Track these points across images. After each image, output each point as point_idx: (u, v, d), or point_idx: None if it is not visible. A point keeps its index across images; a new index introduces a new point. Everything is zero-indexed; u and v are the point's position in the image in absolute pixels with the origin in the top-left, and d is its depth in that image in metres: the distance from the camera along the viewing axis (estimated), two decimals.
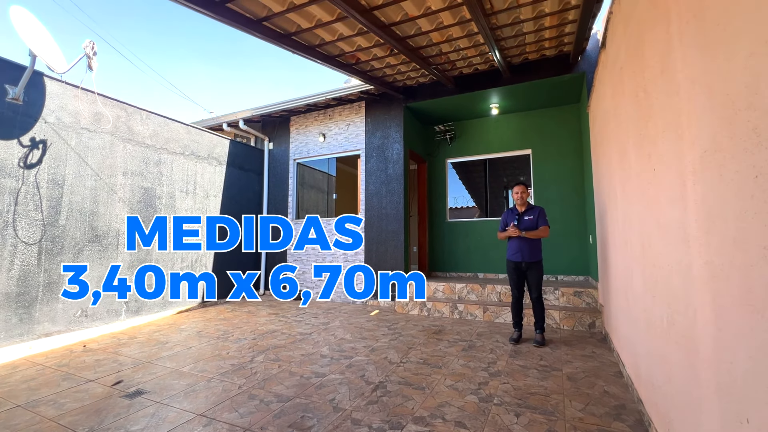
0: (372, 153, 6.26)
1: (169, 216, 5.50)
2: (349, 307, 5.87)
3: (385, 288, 5.91)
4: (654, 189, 1.92)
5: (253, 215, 7.10)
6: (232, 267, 6.59)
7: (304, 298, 6.62)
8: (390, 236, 5.95)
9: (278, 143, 7.30)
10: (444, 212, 6.84)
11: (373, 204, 6.16)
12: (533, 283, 3.81)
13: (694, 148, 1.36)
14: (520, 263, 3.86)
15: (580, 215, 5.75)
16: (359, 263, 6.19)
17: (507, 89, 5.43)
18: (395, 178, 6.00)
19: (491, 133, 6.54)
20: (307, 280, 6.68)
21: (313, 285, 6.61)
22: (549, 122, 6.10)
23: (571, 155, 5.89)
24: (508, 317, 4.68)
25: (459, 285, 5.35)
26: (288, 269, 6.87)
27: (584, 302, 4.60)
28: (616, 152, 2.96)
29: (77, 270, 4.32)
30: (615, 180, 3.07)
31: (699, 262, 1.36)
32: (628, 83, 2.39)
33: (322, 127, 6.81)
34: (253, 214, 7.11)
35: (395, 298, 5.76)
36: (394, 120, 6.10)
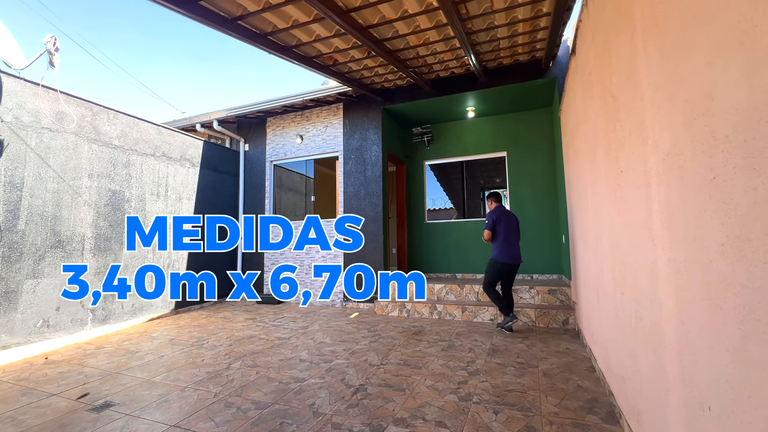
0: (350, 155, 6.24)
1: (142, 217, 5.29)
2: (329, 310, 5.82)
3: (368, 289, 5.90)
4: (622, 190, 2.00)
5: (231, 217, 6.93)
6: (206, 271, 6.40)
7: (282, 302, 6.51)
8: (369, 238, 5.94)
9: (254, 145, 7.16)
10: (422, 214, 6.90)
11: (351, 206, 6.14)
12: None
13: (657, 151, 1.43)
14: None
15: (553, 216, 5.93)
16: (338, 265, 6.15)
17: (483, 93, 5.55)
18: (374, 180, 6.00)
19: (468, 135, 6.66)
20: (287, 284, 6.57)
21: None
22: (523, 125, 6.27)
23: (543, 157, 6.08)
24: (486, 316, 4.76)
25: (438, 286, 5.40)
26: (266, 273, 6.75)
27: (558, 300, 4.75)
28: (586, 155, 3.08)
29: (39, 277, 4.08)
30: (586, 181, 3.19)
31: (663, 259, 1.43)
32: (597, 88, 2.49)
33: (300, 128, 6.74)
34: None
35: (375, 299, 5.76)
36: (373, 122, 6.11)
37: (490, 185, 7.07)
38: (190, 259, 6.07)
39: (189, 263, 6.05)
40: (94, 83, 47.64)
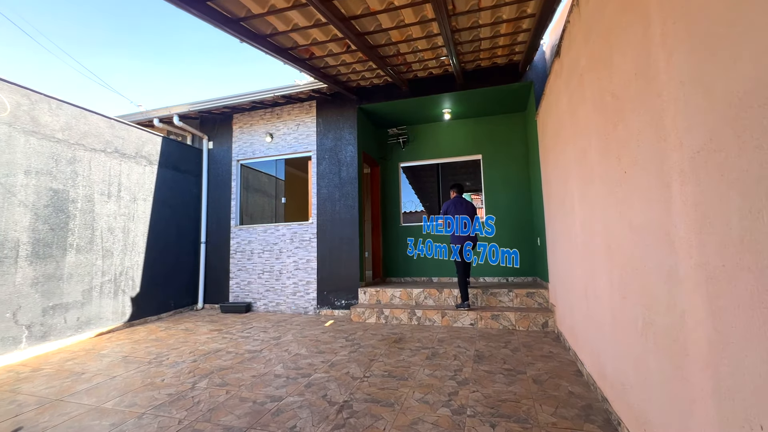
0: (324, 155, 5.98)
1: (90, 220, 4.72)
2: (301, 319, 5.50)
3: (339, 296, 5.65)
4: (624, 191, 1.94)
5: (190, 220, 6.42)
6: (166, 279, 5.87)
7: (250, 311, 6.10)
8: (344, 242, 5.71)
9: (219, 143, 6.70)
10: (398, 216, 6.76)
11: (325, 208, 5.88)
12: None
13: (682, 149, 1.35)
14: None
15: (528, 218, 6.00)
16: (311, 271, 5.85)
17: (459, 95, 5.51)
18: (349, 182, 5.78)
19: (444, 137, 6.61)
20: (253, 290, 6.17)
21: (260, 296, 6.12)
22: (498, 129, 6.32)
23: (518, 161, 6.15)
24: (466, 321, 4.68)
25: (416, 290, 5.26)
26: (232, 279, 6.30)
27: (536, 302, 4.76)
28: (573, 157, 3.06)
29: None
30: (571, 184, 3.17)
31: (689, 264, 1.35)
32: (591, 89, 2.45)
33: (270, 126, 6.38)
34: (190, 220, 6.43)
35: (350, 306, 5.52)
36: (348, 121, 5.90)
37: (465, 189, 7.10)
38: (146, 265, 5.53)
39: (145, 270, 5.51)
40: (41, 74, 43.46)
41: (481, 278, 6.14)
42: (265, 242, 6.19)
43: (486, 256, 5.93)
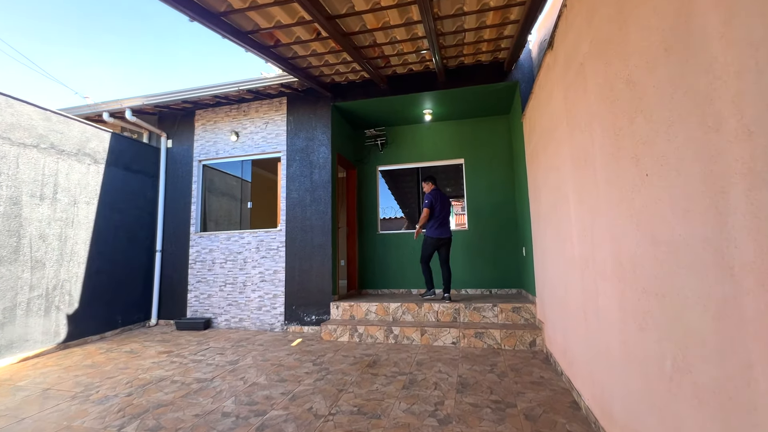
0: (295, 156, 5.49)
1: (17, 225, 4.05)
2: (266, 337, 4.95)
3: (309, 311, 5.14)
4: (645, 198, 1.57)
5: (144, 226, 5.77)
6: (112, 292, 5.20)
7: (210, 327, 5.49)
8: (315, 251, 5.21)
9: (180, 141, 6.10)
10: (375, 223, 6.32)
11: (295, 214, 5.37)
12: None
13: (752, 140, 0.97)
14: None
15: (512, 227, 5.68)
16: (278, 283, 5.32)
17: (441, 94, 5.15)
18: (322, 185, 5.30)
19: (424, 140, 6.24)
20: (214, 304, 5.57)
21: (221, 311, 5.52)
22: (481, 132, 6.00)
23: (502, 166, 5.84)
24: (447, 339, 4.26)
25: (393, 305, 4.82)
26: (191, 292, 5.68)
27: (523, 318, 4.40)
28: (569, 159, 2.71)
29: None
30: (566, 190, 2.82)
31: (760, 299, 0.96)
32: (595, 78, 2.09)
33: (236, 124, 5.84)
34: (143, 226, 5.78)
35: (321, 322, 5.02)
36: (321, 120, 5.43)
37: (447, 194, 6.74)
38: (88, 277, 4.86)
39: (87, 283, 4.83)
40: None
41: (464, 290, 5.76)
42: (228, 251, 5.61)
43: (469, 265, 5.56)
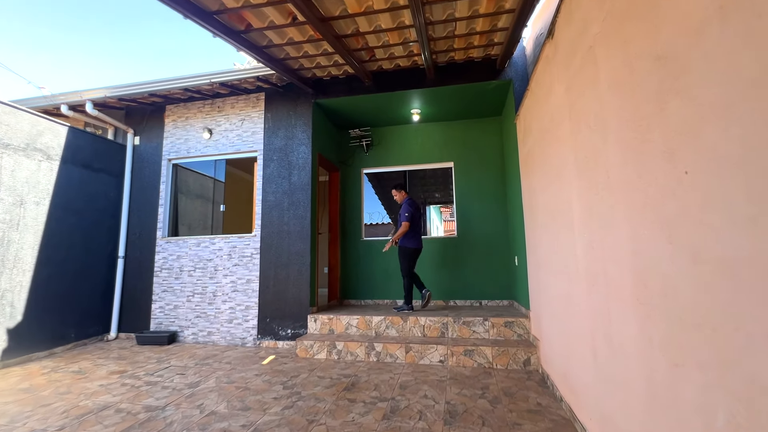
0: (272, 156, 5.09)
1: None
2: (236, 353, 4.50)
3: (284, 324, 4.71)
4: (682, 203, 1.24)
5: (104, 230, 5.27)
6: (65, 303, 4.68)
7: (175, 341, 5.01)
8: (293, 259, 4.80)
9: (148, 138, 5.63)
10: (359, 229, 5.94)
11: (272, 219, 4.95)
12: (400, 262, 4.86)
13: None
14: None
15: (503, 234, 5.37)
16: (252, 293, 4.88)
17: (430, 93, 4.84)
18: (301, 188, 4.91)
19: (412, 142, 5.91)
20: (180, 316, 5.09)
21: (188, 323, 5.05)
22: (472, 134, 5.71)
23: (494, 170, 5.54)
24: (434, 357, 3.89)
25: (377, 318, 4.43)
26: (156, 303, 5.19)
27: (516, 334, 4.06)
28: (571, 161, 2.39)
29: None
30: (568, 195, 2.50)
31: None
32: (609, 62, 1.77)
33: (209, 120, 5.41)
34: (104, 230, 5.28)
35: (298, 337, 4.59)
36: (301, 118, 5.06)
37: (432, 200, 6.45)
38: (36, 286, 4.35)
39: (34, 292, 4.32)
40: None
41: (452, 301, 5.41)
42: (198, 258, 5.15)
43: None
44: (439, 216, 9.24)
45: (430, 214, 7.09)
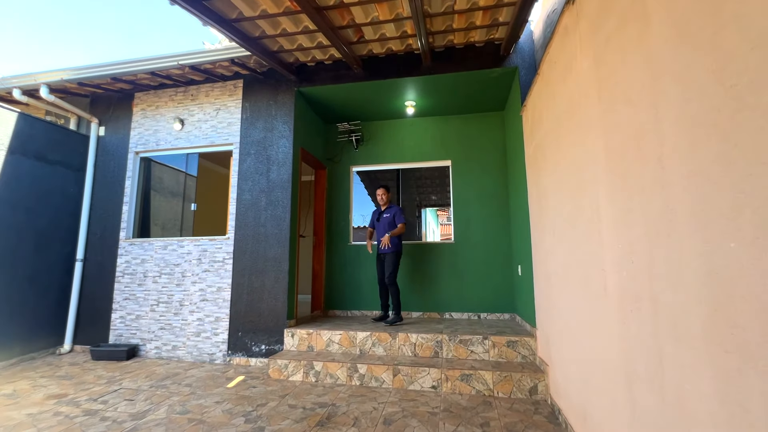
0: (249, 150, 4.56)
1: None
2: (201, 372, 3.95)
3: (258, 339, 4.17)
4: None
5: (61, 230, 4.72)
6: (8, 312, 4.12)
7: (135, 356, 4.46)
8: (269, 265, 4.27)
9: (114, 129, 5.10)
10: (347, 233, 5.42)
11: (247, 220, 4.43)
12: (385, 269, 4.43)
13: None
14: (380, 254, 4.53)
15: (505, 241, 4.87)
16: (223, 303, 4.34)
17: (426, 82, 4.35)
18: (280, 185, 4.39)
19: (406, 138, 5.41)
20: (143, 328, 4.53)
21: (152, 336, 4.49)
22: (472, 130, 5.21)
23: (496, 170, 5.05)
24: (426, 382, 3.37)
25: (362, 334, 3.90)
26: (116, 312, 4.63)
27: (520, 355, 3.55)
28: (601, 150, 1.89)
29: None
30: (594, 194, 2.00)
31: None
32: (673, 3, 1.28)
33: (181, 110, 4.89)
34: (60, 230, 4.73)
35: (273, 353, 4.06)
36: (283, 107, 4.54)
37: (429, 203, 5.95)
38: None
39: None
40: None
41: (448, 313, 4.90)
42: (164, 262, 4.61)
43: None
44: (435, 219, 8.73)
45: (426, 218, 6.58)
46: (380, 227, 4.57)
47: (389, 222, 4.51)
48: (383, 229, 4.51)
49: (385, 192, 4.61)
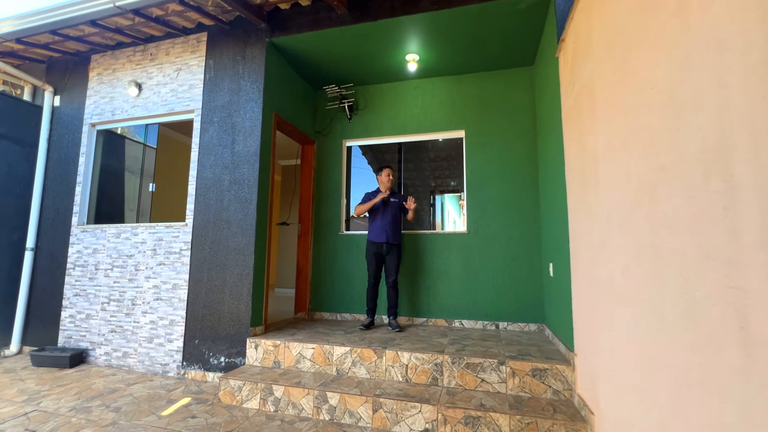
0: (212, 117, 3.74)
1: None
2: (144, 389, 3.20)
3: (217, 349, 3.38)
4: None
5: (7, 214, 4.10)
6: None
7: (83, 363, 3.80)
8: (231, 258, 3.45)
9: (69, 98, 4.41)
10: (338, 220, 4.52)
11: (208, 202, 3.62)
12: (392, 266, 3.67)
13: None
14: (382, 245, 3.67)
15: (532, 231, 3.83)
16: (178, 304, 3.57)
17: (430, 24, 3.35)
18: (246, 159, 3.54)
19: (409, 104, 4.41)
20: (93, 329, 3.86)
21: (102, 339, 3.81)
22: (491, 92, 4.15)
23: (520, 141, 3.98)
24: (416, 424, 2.45)
25: (340, 350, 3.02)
26: (66, 310, 3.99)
27: (550, 390, 2.56)
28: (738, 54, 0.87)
29: None
30: (719, 136, 0.99)
31: None
32: None
33: (140, 72, 4.12)
34: (8, 214, 4.11)
35: (232, 368, 3.26)
36: (252, 64, 3.67)
37: (446, 188, 4.85)
38: None
39: None
40: None
41: (457, 321, 3.93)
42: (117, 253, 3.89)
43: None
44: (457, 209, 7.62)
45: (444, 205, 5.50)
46: (387, 212, 3.73)
47: (398, 207, 3.81)
48: (392, 215, 3.73)
49: (391, 172, 3.82)
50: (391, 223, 3.70)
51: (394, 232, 3.70)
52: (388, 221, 3.69)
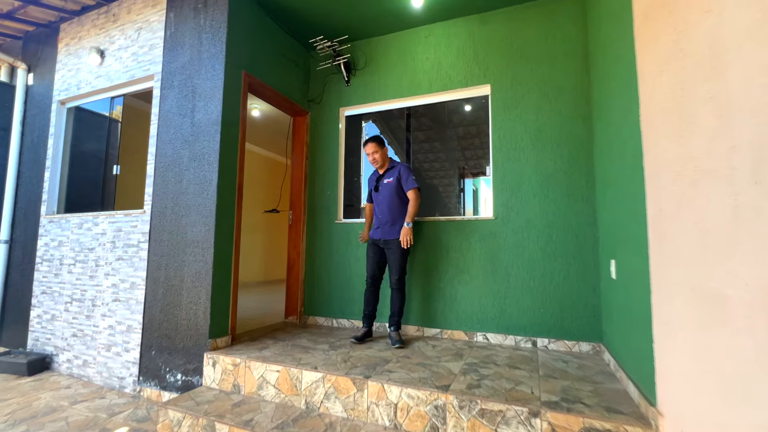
0: (173, 81, 3.08)
1: None
2: (85, 410, 2.64)
3: (174, 364, 2.75)
4: None
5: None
6: None
7: (47, 370, 3.37)
8: (189, 251, 2.79)
9: (41, 75, 3.99)
10: (335, 206, 3.74)
11: (167, 184, 2.99)
12: (394, 262, 2.82)
13: None
14: (378, 240, 2.92)
15: (583, 216, 2.79)
16: (136, 306, 2.99)
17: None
18: (206, 130, 2.84)
19: (418, 57, 3.49)
20: (57, 333, 3.41)
21: (65, 344, 3.35)
22: (525, 32, 3.12)
23: (567, 95, 2.93)
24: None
25: (311, 376, 2.25)
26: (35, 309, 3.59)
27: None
28: None
29: None
30: None
31: None
32: None
33: (103, 37, 3.57)
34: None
35: (189, 388, 2.61)
36: (214, 12, 2.95)
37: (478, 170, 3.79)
38: None
39: None
40: None
41: (481, 334, 3.01)
42: (79, 246, 3.40)
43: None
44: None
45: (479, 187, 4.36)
46: (380, 199, 2.96)
47: (394, 190, 2.90)
48: (386, 202, 2.92)
49: (376, 147, 2.96)
50: (386, 212, 2.92)
51: (390, 223, 2.89)
52: (382, 210, 2.93)
